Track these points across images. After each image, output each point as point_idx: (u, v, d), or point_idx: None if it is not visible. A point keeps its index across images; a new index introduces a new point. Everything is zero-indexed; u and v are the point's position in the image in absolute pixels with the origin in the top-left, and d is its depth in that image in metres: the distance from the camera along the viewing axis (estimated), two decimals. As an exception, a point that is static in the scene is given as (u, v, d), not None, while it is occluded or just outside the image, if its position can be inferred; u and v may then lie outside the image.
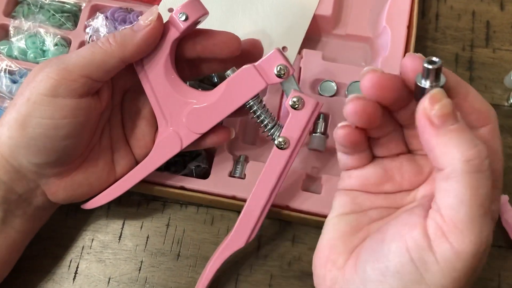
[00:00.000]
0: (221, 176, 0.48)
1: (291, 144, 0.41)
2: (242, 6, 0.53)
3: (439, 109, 0.28)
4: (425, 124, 0.29)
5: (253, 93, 0.41)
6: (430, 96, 0.29)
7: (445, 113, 0.28)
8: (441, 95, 0.28)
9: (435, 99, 0.28)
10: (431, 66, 0.29)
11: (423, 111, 0.29)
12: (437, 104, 0.28)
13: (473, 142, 0.28)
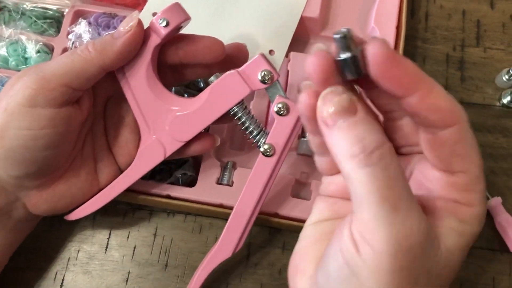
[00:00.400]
0: (208, 183, 0.47)
1: (277, 151, 0.40)
2: (228, 10, 0.52)
3: (331, 108, 0.26)
4: (320, 124, 0.27)
5: (237, 100, 0.40)
6: (323, 95, 0.27)
7: (338, 111, 0.26)
8: (334, 93, 0.26)
9: (327, 98, 0.26)
10: (337, 35, 0.26)
11: (317, 110, 0.27)
12: (329, 102, 0.26)
13: (359, 136, 0.25)
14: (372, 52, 0.25)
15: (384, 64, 0.25)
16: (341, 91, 0.26)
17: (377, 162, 0.25)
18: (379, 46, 0.25)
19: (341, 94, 0.26)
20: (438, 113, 0.26)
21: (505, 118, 0.53)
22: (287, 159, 0.49)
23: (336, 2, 0.55)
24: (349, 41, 0.27)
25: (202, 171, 0.48)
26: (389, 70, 0.25)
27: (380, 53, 0.25)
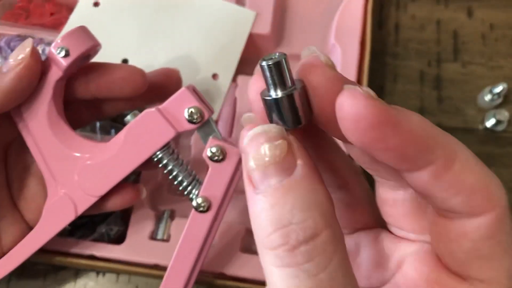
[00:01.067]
0: (140, 239, 0.39)
1: (214, 205, 0.32)
2: (163, 28, 0.44)
3: (258, 159, 0.18)
4: (245, 179, 0.19)
5: (160, 144, 0.32)
6: (249, 136, 0.18)
7: (265, 165, 0.18)
8: (266, 134, 0.18)
9: (254, 141, 0.18)
10: (266, 62, 0.19)
11: (242, 157, 0.19)
12: (255, 150, 0.18)
13: (284, 215, 0.17)
14: (350, 113, 0.17)
15: (372, 131, 0.17)
16: (276, 133, 0.18)
17: (304, 262, 0.17)
18: (358, 101, 0.17)
19: (275, 137, 0.18)
20: (463, 195, 0.18)
21: (490, 143, 0.46)
22: (235, 204, 0.41)
23: (290, 17, 0.47)
24: (283, 72, 0.19)
25: (132, 224, 0.40)
26: (382, 140, 0.17)
27: (362, 114, 0.17)
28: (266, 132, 0.18)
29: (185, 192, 0.33)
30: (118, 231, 0.40)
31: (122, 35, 0.43)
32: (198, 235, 0.33)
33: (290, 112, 0.19)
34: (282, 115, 0.19)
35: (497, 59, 0.48)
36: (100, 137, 0.42)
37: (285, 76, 0.19)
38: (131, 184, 0.35)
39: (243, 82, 0.43)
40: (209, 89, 0.43)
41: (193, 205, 0.32)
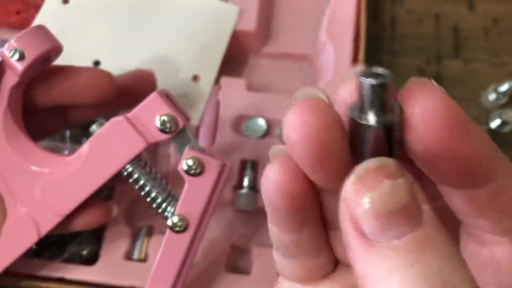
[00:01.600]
0: (114, 259, 0.36)
1: (191, 224, 0.29)
2: (138, 26, 0.40)
3: (377, 207, 0.14)
4: (348, 229, 0.15)
5: (129, 156, 0.28)
6: (358, 173, 0.15)
7: (389, 215, 0.14)
8: (384, 172, 0.14)
9: (368, 182, 0.14)
10: (372, 80, 0.15)
11: (344, 203, 0.15)
12: (371, 194, 0.14)
13: (431, 272, 0.14)
14: (424, 112, 0.15)
15: (444, 134, 0.15)
16: (396, 168, 0.15)
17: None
18: (433, 98, 0.15)
19: (396, 174, 0.14)
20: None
21: (495, 146, 0.42)
22: (219, 218, 0.37)
23: (278, 12, 0.43)
24: (387, 95, 0.15)
25: (106, 242, 0.36)
26: (455, 146, 0.15)
27: (438, 113, 0.15)
28: (383, 167, 0.14)
29: (159, 210, 0.30)
30: (90, 250, 0.36)
31: (94, 35, 0.40)
32: (174, 257, 0.29)
33: (385, 143, 0.15)
34: (374, 146, 0.15)
35: (501, 55, 0.44)
36: (70, 146, 0.38)
37: (388, 99, 0.15)
38: (101, 201, 0.32)
39: (226, 84, 0.39)
40: (190, 92, 0.39)
41: (168, 225, 0.29)
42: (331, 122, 0.15)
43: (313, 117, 0.15)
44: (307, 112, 0.15)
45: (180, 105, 0.29)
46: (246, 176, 0.37)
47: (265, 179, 0.18)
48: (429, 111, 0.15)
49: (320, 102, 0.16)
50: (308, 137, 0.15)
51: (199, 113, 0.39)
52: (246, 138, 0.38)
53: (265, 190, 0.18)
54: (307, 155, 0.16)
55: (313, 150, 0.15)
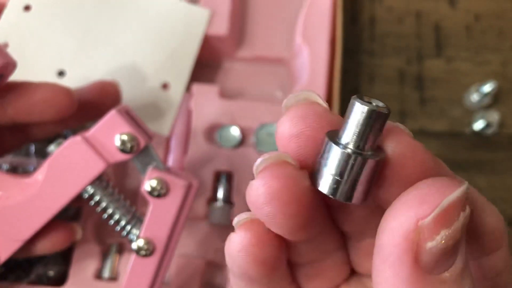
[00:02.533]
0: (83, 279, 0.34)
1: (158, 248, 0.27)
2: (104, 32, 0.38)
3: (447, 242, 0.14)
4: (400, 261, 0.14)
5: (88, 178, 0.27)
6: (441, 207, 0.14)
7: (451, 249, 0.14)
8: (462, 202, 0.14)
9: (447, 217, 0.14)
10: (370, 107, 0.14)
11: (404, 235, 0.14)
12: (446, 230, 0.14)
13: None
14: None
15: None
16: (465, 200, 0.14)
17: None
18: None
19: (466, 207, 0.14)
20: (488, 236, 0.17)
21: (479, 148, 0.41)
22: (192, 233, 0.36)
23: (251, 15, 0.42)
24: (380, 128, 0.15)
25: (75, 262, 0.34)
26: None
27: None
28: (465, 196, 0.14)
29: (123, 232, 0.28)
30: (58, 271, 0.34)
31: (57, 43, 0.38)
32: (142, 282, 0.28)
33: (365, 181, 0.15)
34: (353, 180, 0.15)
35: (484, 54, 0.43)
36: (36, 161, 0.36)
37: (378, 134, 0.15)
38: (64, 223, 0.30)
39: (198, 91, 0.38)
40: (159, 101, 0.37)
41: (133, 249, 0.27)
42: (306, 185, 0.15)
43: (279, 184, 0.15)
44: (273, 178, 0.15)
45: (142, 122, 0.27)
46: (221, 189, 0.36)
47: (231, 248, 0.17)
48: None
49: (285, 165, 0.15)
50: (278, 200, 0.15)
51: (170, 123, 0.37)
52: (220, 148, 0.37)
53: (232, 259, 0.17)
54: (277, 215, 0.15)
55: (283, 209, 0.15)
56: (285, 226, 0.15)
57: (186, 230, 0.36)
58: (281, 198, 0.15)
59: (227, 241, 0.17)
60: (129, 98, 0.37)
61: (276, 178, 0.15)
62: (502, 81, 0.42)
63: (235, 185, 0.36)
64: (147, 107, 0.37)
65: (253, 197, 0.15)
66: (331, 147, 0.15)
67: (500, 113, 0.41)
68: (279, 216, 0.15)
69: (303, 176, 0.15)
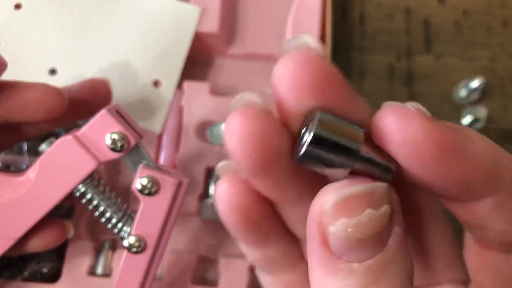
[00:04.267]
0: (77, 275, 0.34)
1: (149, 244, 0.28)
2: (95, 31, 0.38)
3: (350, 232, 0.14)
4: (314, 238, 0.15)
5: (79, 177, 0.27)
6: (342, 195, 0.14)
7: (354, 239, 0.14)
8: (367, 197, 0.14)
9: (348, 207, 0.14)
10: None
11: (317, 212, 0.14)
12: (349, 219, 0.14)
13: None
14: (405, 144, 0.14)
15: (434, 162, 0.14)
16: (384, 195, 0.14)
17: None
18: (413, 124, 0.14)
19: (381, 202, 0.14)
20: (477, 173, 0.15)
21: (467, 143, 0.41)
22: (184, 229, 0.36)
23: (242, 11, 0.42)
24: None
25: (68, 258, 0.35)
26: (445, 172, 0.14)
27: (421, 142, 0.14)
28: (371, 194, 0.14)
29: (115, 230, 0.29)
30: (52, 268, 0.35)
31: (49, 41, 0.38)
32: (134, 278, 0.28)
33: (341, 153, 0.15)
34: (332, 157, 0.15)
35: (473, 49, 0.43)
36: (29, 160, 0.36)
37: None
38: (57, 221, 0.31)
39: (189, 88, 0.38)
40: (151, 99, 0.38)
41: (124, 246, 0.28)
42: (272, 126, 0.15)
43: (252, 122, 0.15)
44: (245, 117, 0.15)
45: (132, 121, 0.28)
46: (212, 185, 0.36)
47: (217, 198, 0.18)
48: (411, 142, 0.14)
49: (257, 107, 0.15)
50: (248, 142, 0.15)
51: (161, 120, 0.37)
52: (211, 145, 0.37)
53: (219, 210, 0.18)
54: (247, 161, 0.15)
55: (254, 154, 0.15)
56: (244, 164, 0.15)
57: (178, 226, 0.36)
58: (241, 134, 0.15)
59: (215, 192, 0.18)
60: (121, 95, 0.37)
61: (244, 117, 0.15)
62: (490, 77, 0.43)
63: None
64: (139, 105, 0.37)
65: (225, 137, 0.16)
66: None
67: (488, 108, 0.42)
68: (238, 154, 0.15)
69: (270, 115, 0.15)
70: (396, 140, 0.14)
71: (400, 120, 0.14)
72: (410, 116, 0.14)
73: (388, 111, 0.15)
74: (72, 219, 0.36)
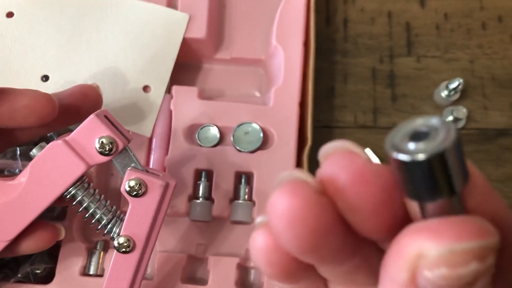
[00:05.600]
0: (70, 276, 0.36)
1: (138, 244, 0.29)
2: (86, 37, 0.39)
3: (445, 281, 0.13)
4: (398, 273, 0.14)
5: (70, 180, 0.28)
6: (451, 250, 0.13)
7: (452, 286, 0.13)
8: (475, 252, 0.13)
9: (453, 258, 0.13)
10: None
11: (409, 257, 0.13)
12: (449, 270, 0.13)
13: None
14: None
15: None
16: (493, 246, 0.13)
17: None
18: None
19: (488, 253, 0.13)
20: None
21: (448, 142, 0.43)
22: (173, 229, 0.38)
23: (229, 18, 0.43)
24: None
25: (61, 259, 0.36)
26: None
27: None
28: (481, 249, 0.13)
29: (105, 231, 0.30)
30: (45, 269, 0.36)
31: (41, 48, 0.39)
32: (123, 278, 0.29)
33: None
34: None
35: (453, 51, 0.45)
36: (22, 164, 0.37)
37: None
38: (48, 223, 0.32)
39: (178, 93, 0.39)
40: (140, 103, 0.39)
41: (114, 246, 0.29)
42: (322, 207, 0.14)
43: (303, 203, 0.14)
44: (295, 197, 0.14)
45: (120, 125, 0.29)
46: (201, 186, 0.37)
47: (253, 248, 0.16)
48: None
49: (308, 184, 0.14)
50: (299, 225, 0.14)
51: (151, 124, 0.39)
52: (199, 147, 0.38)
53: (254, 257, 0.17)
54: (296, 243, 0.14)
55: (302, 236, 0.14)
56: (291, 245, 0.15)
57: (168, 226, 0.37)
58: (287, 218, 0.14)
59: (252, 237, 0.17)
60: (111, 100, 0.38)
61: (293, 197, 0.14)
62: (470, 77, 0.44)
63: (215, 182, 0.37)
64: (129, 109, 0.39)
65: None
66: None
67: (469, 108, 0.43)
68: (285, 235, 0.14)
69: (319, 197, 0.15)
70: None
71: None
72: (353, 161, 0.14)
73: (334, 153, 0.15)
74: (64, 221, 0.37)
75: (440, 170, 0.13)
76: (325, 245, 0.15)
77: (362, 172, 0.14)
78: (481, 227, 0.13)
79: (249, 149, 0.38)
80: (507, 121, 0.43)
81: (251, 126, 0.38)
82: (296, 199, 0.14)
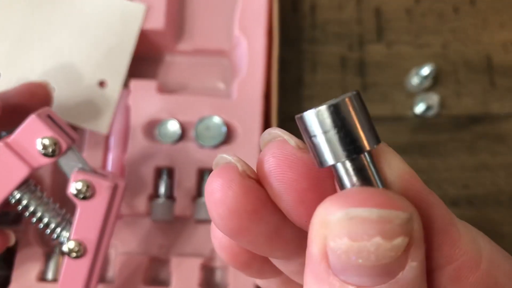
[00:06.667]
0: (27, 282, 0.34)
1: (89, 248, 0.27)
2: (38, 32, 0.37)
3: (352, 256, 0.12)
4: (313, 247, 0.13)
5: (13, 184, 0.27)
6: (349, 215, 0.12)
7: (358, 266, 0.12)
8: (379, 225, 0.12)
9: (354, 229, 0.12)
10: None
11: (318, 225, 0.13)
12: (355, 243, 0.12)
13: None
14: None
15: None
16: (400, 227, 0.12)
17: None
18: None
19: (395, 233, 0.12)
20: (464, 260, 0.14)
21: (421, 131, 0.42)
22: (134, 229, 0.36)
23: (190, 7, 0.41)
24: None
25: (18, 265, 0.34)
26: None
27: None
28: (385, 222, 0.12)
29: (53, 236, 0.28)
30: (0, 275, 0.34)
31: (-10, 44, 0.37)
32: (75, 284, 0.28)
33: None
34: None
35: (424, 36, 0.43)
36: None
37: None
38: (-4, 229, 0.30)
39: (136, 87, 0.37)
40: (96, 99, 0.37)
41: (64, 251, 0.27)
42: (247, 190, 0.15)
43: (228, 184, 0.14)
44: (221, 179, 0.14)
45: (65, 125, 0.27)
46: (162, 185, 0.36)
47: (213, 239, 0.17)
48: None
49: (236, 168, 0.15)
50: (222, 206, 0.14)
51: (108, 120, 0.37)
52: (160, 144, 0.37)
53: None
54: (222, 223, 0.15)
55: (227, 218, 0.15)
56: (219, 226, 0.15)
57: (129, 227, 0.36)
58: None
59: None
60: (65, 97, 0.36)
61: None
62: (443, 63, 0.43)
63: (176, 180, 0.36)
64: (85, 106, 0.37)
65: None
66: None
67: (441, 95, 0.42)
68: (213, 215, 0.15)
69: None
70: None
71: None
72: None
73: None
74: (20, 225, 0.35)
75: (337, 124, 0.13)
76: (253, 229, 0.15)
77: (288, 158, 0.14)
78: (387, 198, 0.12)
79: (212, 144, 0.36)
80: (480, 107, 0.42)
81: (213, 120, 0.36)
82: (219, 181, 0.14)
